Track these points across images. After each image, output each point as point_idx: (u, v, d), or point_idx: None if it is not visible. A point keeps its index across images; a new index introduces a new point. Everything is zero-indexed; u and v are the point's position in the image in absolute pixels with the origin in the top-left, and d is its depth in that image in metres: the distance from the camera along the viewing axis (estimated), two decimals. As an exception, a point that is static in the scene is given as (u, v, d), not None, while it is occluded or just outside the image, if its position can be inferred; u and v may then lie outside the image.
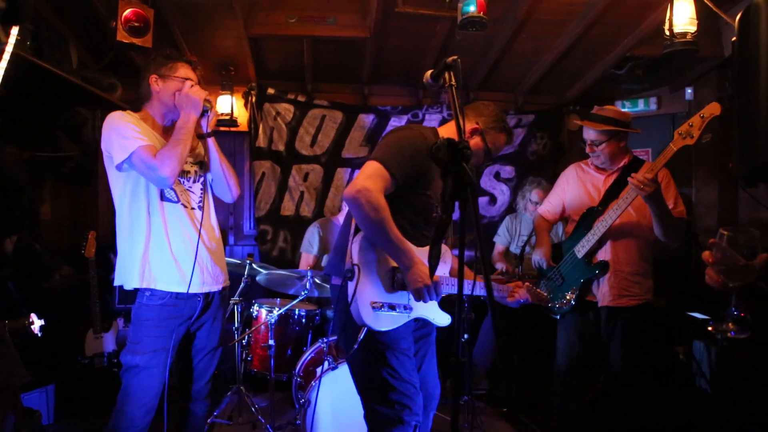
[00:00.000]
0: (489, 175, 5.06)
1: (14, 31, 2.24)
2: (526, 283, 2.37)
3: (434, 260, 1.52)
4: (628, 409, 2.92)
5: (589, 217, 2.83)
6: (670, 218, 2.62)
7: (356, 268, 2.02)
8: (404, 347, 2.13)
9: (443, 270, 2.28)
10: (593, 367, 3.00)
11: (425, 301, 2.04)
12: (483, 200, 5.02)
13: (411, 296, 2.09)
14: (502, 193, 5.06)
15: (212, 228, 2.47)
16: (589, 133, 2.84)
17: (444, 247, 2.25)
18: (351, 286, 2.03)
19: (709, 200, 4.32)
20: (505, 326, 3.99)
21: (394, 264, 2.09)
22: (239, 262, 3.48)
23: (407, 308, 2.15)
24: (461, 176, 1.46)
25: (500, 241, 4.31)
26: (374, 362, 2.11)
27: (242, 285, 3.49)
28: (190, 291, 2.29)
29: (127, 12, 2.95)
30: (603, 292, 2.81)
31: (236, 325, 3.43)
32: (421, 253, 2.09)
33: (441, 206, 1.48)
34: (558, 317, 2.97)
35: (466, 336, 3.46)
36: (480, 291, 2.22)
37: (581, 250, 2.80)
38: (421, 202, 2.13)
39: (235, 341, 3.41)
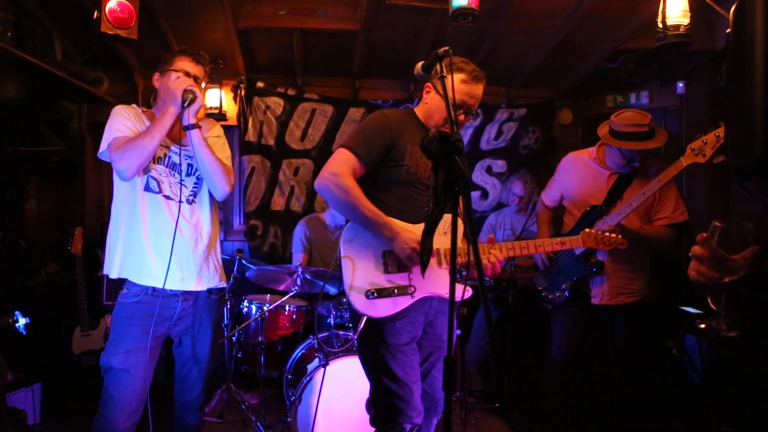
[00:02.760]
0: (481, 170, 5.04)
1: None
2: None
3: (426, 254, 1.49)
4: (619, 402, 2.93)
5: (591, 214, 2.81)
6: (654, 242, 2.74)
7: (342, 261, 2.05)
8: (402, 343, 2.10)
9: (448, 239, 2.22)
10: (587, 359, 3.01)
11: (416, 266, 2.04)
12: (475, 195, 5.00)
13: (412, 275, 2.09)
14: (493, 187, 5.04)
15: (202, 223, 2.34)
16: (643, 152, 2.73)
17: (447, 216, 2.15)
18: (344, 278, 2.05)
19: (700, 193, 4.32)
20: (497, 322, 3.98)
21: (385, 247, 2.08)
22: (228, 257, 3.44)
23: (409, 289, 2.10)
24: (453, 169, 1.43)
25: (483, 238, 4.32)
26: (371, 357, 2.12)
27: (231, 281, 3.45)
28: (166, 287, 2.19)
29: (111, 2, 2.88)
30: (602, 291, 2.83)
31: (226, 322, 3.39)
32: (415, 230, 2.08)
33: (432, 200, 1.45)
34: (550, 307, 2.99)
35: (458, 332, 3.45)
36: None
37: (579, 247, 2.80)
38: (401, 174, 2.14)
39: (224, 338, 3.37)
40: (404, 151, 2.15)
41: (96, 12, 2.91)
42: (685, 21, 2.90)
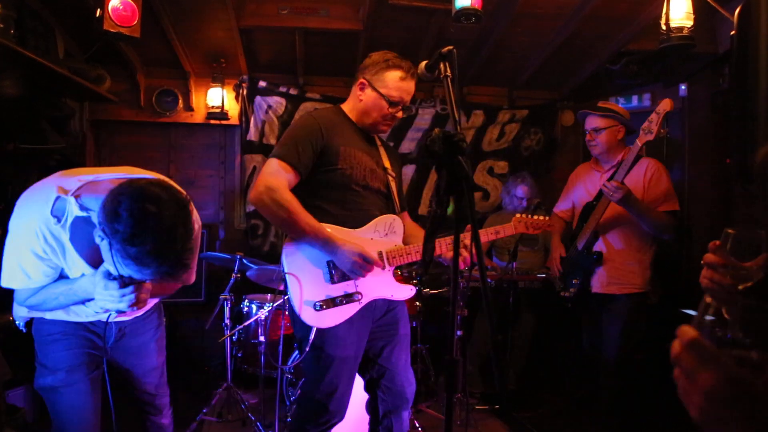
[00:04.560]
0: (482, 171, 5.03)
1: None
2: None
3: (429, 255, 1.48)
4: (620, 403, 2.93)
5: (586, 211, 2.96)
6: (649, 216, 2.73)
7: (286, 277, 2.03)
8: (344, 355, 2.09)
9: (395, 241, 2.23)
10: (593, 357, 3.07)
11: (363, 276, 2.04)
12: (476, 196, 5.00)
13: (358, 283, 2.09)
14: (495, 188, 5.03)
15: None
16: (591, 122, 2.96)
17: (393, 217, 2.23)
18: (290, 293, 2.03)
19: (703, 195, 4.31)
20: (498, 323, 3.97)
21: (329, 257, 2.07)
22: (229, 257, 3.43)
23: (356, 296, 2.10)
24: (456, 169, 1.42)
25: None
26: (311, 363, 2.11)
27: (232, 281, 3.44)
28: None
29: (114, 0, 2.87)
30: (599, 281, 2.93)
31: (226, 322, 3.39)
32: (355, 235, 2.09)
33: (435, 200, 1.44)
34: (570, 305, 3.07)
35: (459, 333, 3.44)
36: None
37: (581, 242, 2.96)
38: (336, 177, 2.10)
39: (224, 337, 3.37)
40: (337, 154, 2.10)
41: (99, 10, 2.91)
42: (689, 23, 2.90)
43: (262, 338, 3.23)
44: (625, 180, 2.73)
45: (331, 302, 2.06)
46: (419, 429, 3.23)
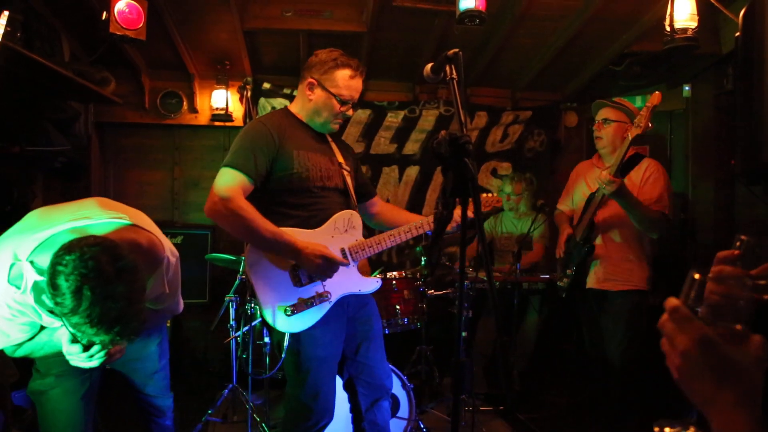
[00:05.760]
0: (486, 172, 5.04)
1: (2, 20, 2.18)
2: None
3: (435, 256, 1.49)
4: (624, 403, 2.93)
5: (587, 204, 2.95)
6: (638, 210, 2.70)
7: (254, 286, 2.02)
8: (322, 355, 2.11)
9: (355, 236, 2.25)
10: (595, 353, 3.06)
11: (330, 276, 2.06)
12: (479, 197, 5.00)
13: (326, 282, 2.10)
14: (498, 190, 5.04)
15: None
16: (603, 112, 2.95)
17: (350, 212, 2.24)
18: (261, 301, 2.03)
19: (706, 198, 4.31)
20: (503, 324, 3.97)
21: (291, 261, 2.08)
22: (234, 258, 3.43)
23: (323, 295, 2.11)
24: (463, 171, 1.43)
25: None
26: (292, 367, 2.14)
27: (237, 282, 3.44)
28: None
29: (120, 3, 2.89)
30: (596, 276, 2.93)
31: (231, 323, 3.39)
32: (316, 235, 2.10)
33: (442, 202, 1.45)
34: (564, 295, 3.05)
35: (463, 334, 3.45)
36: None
37: (578, 233, 2.96)
38: (293, 182, 2.10)
39: (230, 339, 3.37)
40: (291, 158, 2.10)
41: (105, 13, 2.92)
42: (693, 24, 2.90)
43: (267, 339, 3.23)
44: (625, 179, 2.74)
45: (302, 305, 2.06)
46: (424, 430, 3.23)
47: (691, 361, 0.73)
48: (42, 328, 1.69)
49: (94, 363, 1.57)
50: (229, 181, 1.98)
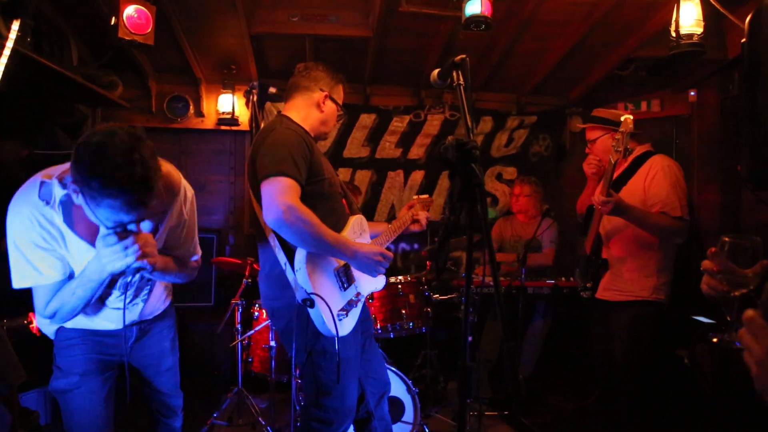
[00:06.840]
0: (491, 176, 5.04)
1: (15, 26, 2.20)
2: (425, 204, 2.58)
3: (442, 261, 1.50)
4: (630, 410, 2.91)
5: (589, 213, 2.94)
6: (648, 221, 2.63)
7: (314, 298, 1.96)
8: (352, 356, 2.15)
9: (367, 239, 2.36)
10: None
11: (382, 272, 2.14)
12: (484, 201, 5.00)
13: (357, 283, 2.19)
14: (504, 194, 5.04)
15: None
16: (586, 135, 2.95)
17: (360, 216, 2.31)
18: (314, 312, 1.99)
19: (711, 202, 4.30)
20: (508, 329, 3.97)
21: (334, 265, 2.11)
22: (239, 262, 3.45)
23: (359, 297, 2.20)
24: (470, 176, 1.44)
25: None
26: (322, 373, 2.11)
27: (243, 286, 3.46)
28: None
29: (129, 9, 2.92)
30: (602, 285, 2.91)
31: (237, 326, 3.41)
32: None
33: (449, 207, 1.46)
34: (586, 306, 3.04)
35: (469, 339, 3.45)
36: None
37: (588, 245, 2.92)
38: (324, 188, 2.16)
39: (235, 342, 3.39)
40: (320, 165, 2.16)
41: (114, 18, 2.95)
42: (699, 30, 2.90)
43: (272, 343, 3.25)
44: (629, 180, 2.73)
45: (348, 308, 2.12)
46: (428, 434, 3.23)
47: (764, 369, 0.76)
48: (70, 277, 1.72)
49: (130, 258, 1.57)
50: (288, 189, 1.96)
